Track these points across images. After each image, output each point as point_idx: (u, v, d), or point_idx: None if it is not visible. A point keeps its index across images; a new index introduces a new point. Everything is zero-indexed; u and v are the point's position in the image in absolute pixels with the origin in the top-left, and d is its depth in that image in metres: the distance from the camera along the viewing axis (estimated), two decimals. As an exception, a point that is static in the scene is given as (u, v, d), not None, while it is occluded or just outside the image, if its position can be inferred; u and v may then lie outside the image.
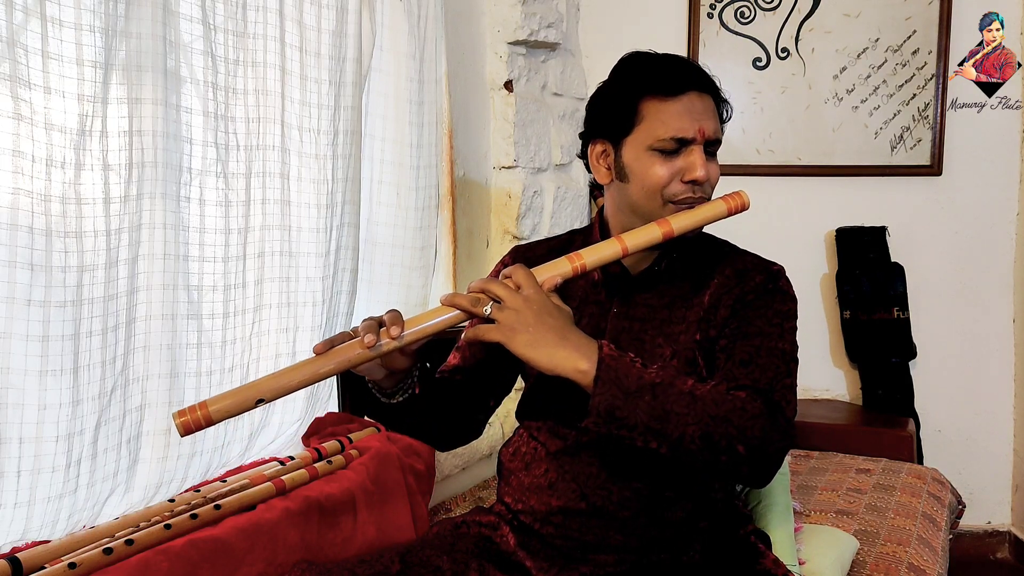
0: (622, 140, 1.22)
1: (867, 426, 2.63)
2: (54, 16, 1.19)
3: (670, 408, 1.05)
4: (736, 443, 1.06)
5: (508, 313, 1.05)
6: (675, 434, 1.05)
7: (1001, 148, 2.79)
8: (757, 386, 1.14)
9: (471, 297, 1.07)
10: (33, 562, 1.16)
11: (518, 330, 1.04)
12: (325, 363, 1.02)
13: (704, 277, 1.26)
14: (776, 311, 1.21)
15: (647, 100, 1.20)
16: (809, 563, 1.59)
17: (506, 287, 1.07)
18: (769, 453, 1.09)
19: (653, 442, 1.05)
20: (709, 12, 2.86)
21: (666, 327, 1.24)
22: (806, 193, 2.88)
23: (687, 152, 1.19)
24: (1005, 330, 2.84)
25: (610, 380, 1.04)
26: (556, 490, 1.25)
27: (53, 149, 1.21)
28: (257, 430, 1.63)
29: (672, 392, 1.06)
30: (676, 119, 1.18)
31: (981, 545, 2.89)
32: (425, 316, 1.07)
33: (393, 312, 1.06)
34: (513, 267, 1.10)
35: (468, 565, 1.25)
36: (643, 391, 1.04)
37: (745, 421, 1.07)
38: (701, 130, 1.19)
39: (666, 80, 1.19)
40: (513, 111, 2.47)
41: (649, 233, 1.16)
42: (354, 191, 1.77)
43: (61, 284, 1.22)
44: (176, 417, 1.00)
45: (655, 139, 1.18)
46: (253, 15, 1.54)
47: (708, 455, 1.06)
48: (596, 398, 1.04)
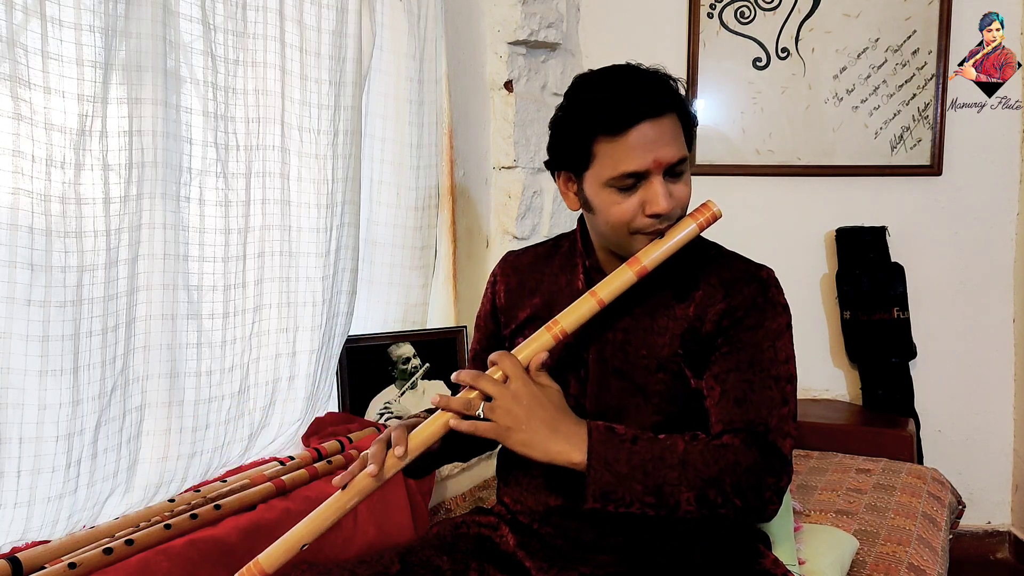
0: (582, 174, 1.20)
1: (867, 426, 2.62)
2: (54, 16, 1.20)
3: (663, 481, 1.09)
4: (732, 498, 1.10)
5: (500, 413, 1.11)
6: (671, 502, 1.10)
7: (1001, 148, 2.79)
8: (753, 428, 1.15)
9: (463, 401, 1.12)
10: (33, 562, 1.16)
11: (512, 429, 1.10)
12: (350, 498, 1.11)
13: (687, 286, 1.23)
14: (768, 331, 1.19)
15: (598, 140, 1.15)
16: (809, 563, 1.59)
17: (495, 383, 1.12)
18: (765, 499, 1.12)
19: (650, 511, 1.10)
20: (709, 12, 2.86)
21: (649, 337, 1.23)
22: (806, 193, 2.88)
23: (646, 185, 1.14)
24: (1005, 330, 2.84)
25: (601, 468, 1.09)
26: (554, 490, 1.25)
27: (53, 149, 1.21)
28: (257, 430, 1.63)
29: (663, 466, 1.10)
30: (627, 156, 1.13)
31: (981, 545, 2.89)
32: (424, 429, 1.13)
33: (399, 432, 1.13)
34: (499, 354, 1.14)
35: (468, 565, 1.25)
36: (634, 472, 1.09)
37: (739, 477, 1.10)
38: (656, 160, 1.13)
39: (613, 117, 1.13)
40: (513, 111, 2.47)
41: (623, 277, 1.16)
42: (354, 191, 1.78)
43: (61, 284, 1.22)
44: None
45: (609, 177, 1.15)
46: (253, 15, 1.54)
47: (706, 512, 1.10)
48: (591, 486, 1.09)
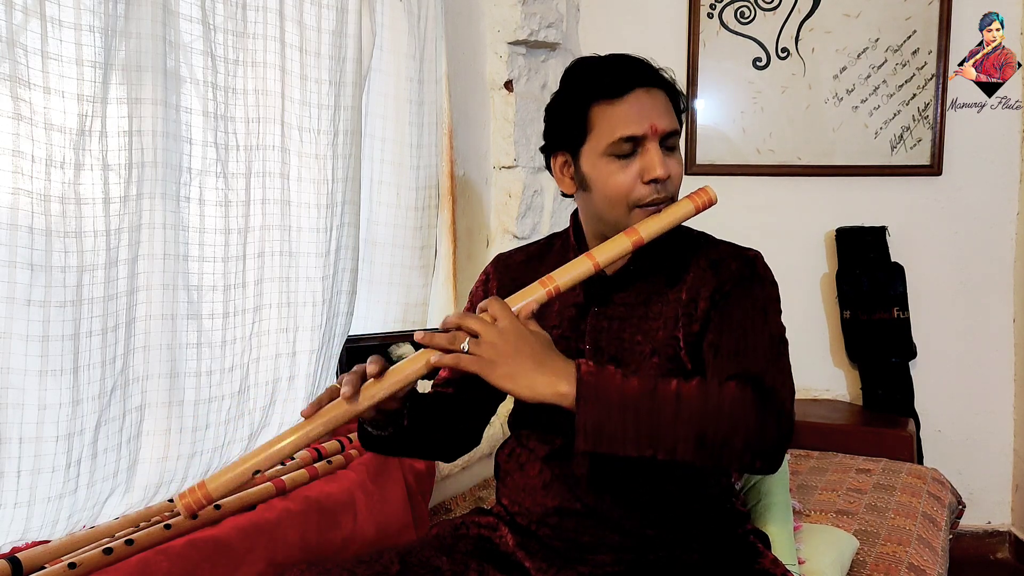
0: (579, 150, 1.21)
1: (867, 426, 2.63)
2: (54, 16, 1.19)
3: (658, 415, 1.04)
4: (732, 437, 1.05)
5: (485, 347, 1.05)
6: (668, 440, 1.04)
7: (1001, 148, 2.79)
8: (747, 374, 1.12)
9: (448, 336, 1.07)
10: (33, 562, 1.16)
11: (496, 362, 1.05)
12: (314, 427, 1.05)
13: (679, 271, 1.25)
14: (756, 297, 1.20)
15: (595, 106, 1.18)
16: (809, 562, 1.59)
17: (481, 321, 1.07)
18: (768, 440, 1.07)
19: (648, 451, 1.04)
20: (709, 12, 2.86)
21: (644, 324, 1.24)
22: (806, 193, 2.88)
23: (643, 151, 1.17)
24: (1005, 330, 2.84)
25: (592, 397, 1.03)
26: (551, 491, 1.25)
27: (53, 149, 1.21)
28: (257, 430, 1.63)
29: (657, 398, 1.05)
30: (624, 119, 1.17)
31: (981, 545, 2.89)
32: (406, 364, 1.08)
33: (375, 363, 1.07)
34: (488, 300, 1.10)
35: (467, 565, 1.25)
36: (627, 402, 1.04)
37: (736, 414, 1.05)
38: (652, 126, 1.17)
39: (610, 82, 1.17)
40: (513, 111, 2.47)
41: (619, 245, 1.16)
42: (354, 191, 1.77)
43: (61, 284, 1.22)
44: (178, 500, 1.03)
45: (608, 143, 1.17)
46: (253, 15, 1.54)
47: (706, 454, 1.05)
48: (581, 417, 1.03)
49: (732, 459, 1.06)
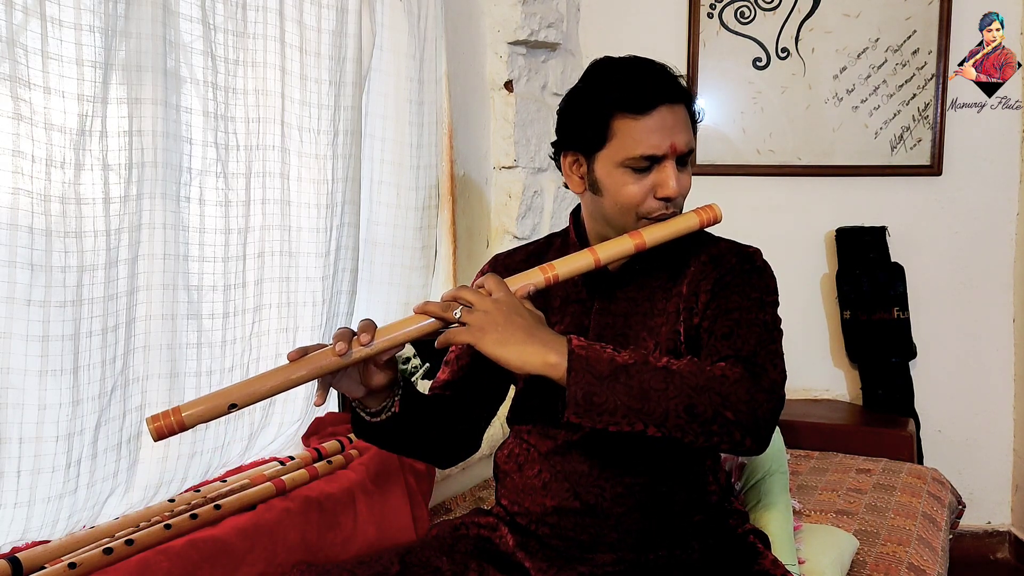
0: (594, 155, 1.22)
1: (867, 426, 2.63)
2: (54, 16, 1.19)
3: (648, 386, 1.04)
4: (722, 410, 1.05)
5: (478, 315, 1.06)
6: (658, 411, 1.04)
7: (1001, 148, 2.79)
8: (739, 354, 1.13)
9: (442, 304, 1.09)
10: (33, 562, 1.16)
11: (487, 330, 1.05)
12: (297, 370, 1.04)
13: (680, 266, 1.27)
14: (754, 287, 1.21)
15: (618, 117, 1.18)
16: (809, 562, 1.59)
17: (476, 292, 1.09)
18: (759, 416, 1.07)
19: (639, 424, 1.04)
20: (709, 12, 2.86)
21: (648, 320, 1.25)
22: (806, 193, 2.88)
23: (659, 168, 1.19)
24: (1005, 330, 2.84)
25: (582, 368, 1.03)
26: (549, 490, 1.25)
27: (53, 149, 1.21)
28: (257, 430, 1.63)
29: (647, 370, 1.05)
30: (647, 137, 1.17)
31: (981, 545, 2.89)
32: (398, 325, 1.08)
33: (366, 321, 1.08)
34: (485, 276, 1.11)
35: (467, 566, 1.25)
36: (617, 373, 1.04)
37: (727, 387, 1.06)
38: (673, 146, 1.18)
39: (637, 96, 1.17)
40: (513, 111, 2.47)
41: (622, 245, 1.18)
42: (354, 191, 1.77)
43: (61, 284, 1.22)
44: (149, 422, 1.01)
45: (626, 157, 1.18)
46: (253, 15, 1.54)
47: (697, 427, 1.05)
48: (571, 388, 1.03)
49: (723, 435, 1.06)
